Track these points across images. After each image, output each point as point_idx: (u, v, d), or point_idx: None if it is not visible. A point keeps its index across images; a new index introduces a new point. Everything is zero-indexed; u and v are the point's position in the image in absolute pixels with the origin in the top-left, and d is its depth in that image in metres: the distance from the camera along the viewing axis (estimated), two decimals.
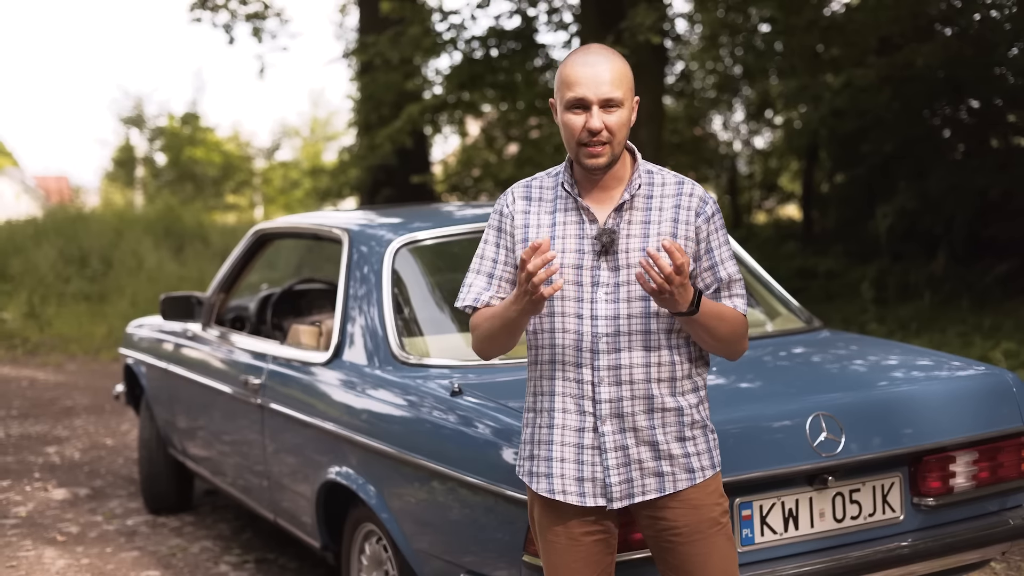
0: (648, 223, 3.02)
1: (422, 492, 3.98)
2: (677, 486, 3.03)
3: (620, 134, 2.96)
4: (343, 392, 4.51)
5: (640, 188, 3.05)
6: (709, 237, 3.05)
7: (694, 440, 3.06)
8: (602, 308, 2.99)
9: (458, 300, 3.21)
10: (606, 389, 3.00)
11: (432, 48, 13.53)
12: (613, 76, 2.94)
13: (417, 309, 4.64)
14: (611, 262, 3.00)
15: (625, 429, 3.00)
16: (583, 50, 3.01)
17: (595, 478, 3.02)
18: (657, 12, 10.73)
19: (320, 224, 5.29)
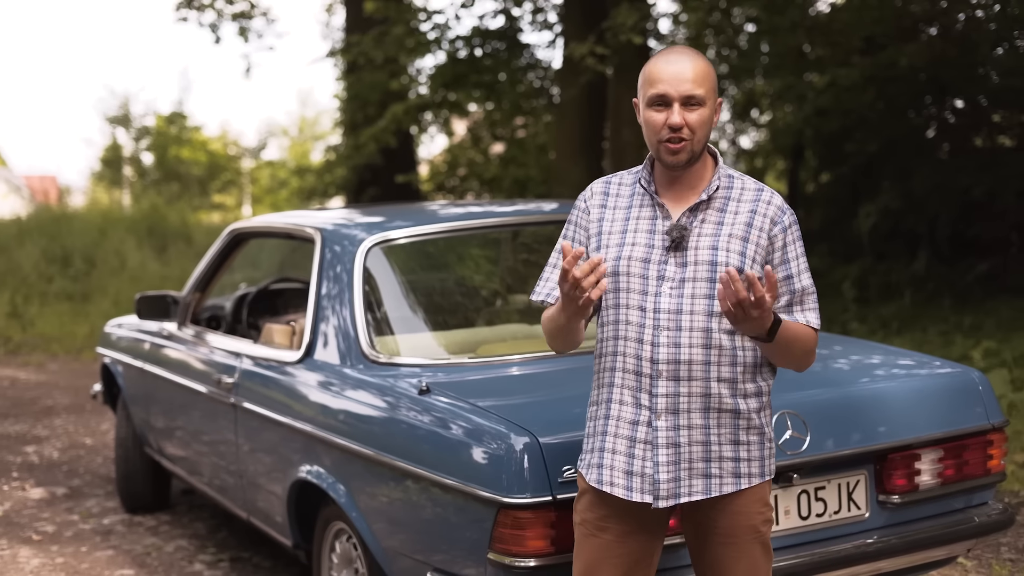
0: (721, 224, 3.04)
1: (391, 491, 3.98)
2: (723, 489, 3.05)
3: (701, 132, 2.99)
4: (314, 391, 4.52)
5: (718, 191, 3.07)
6: (786, 247, 3.06)
7: (748, 445, 3.07)
8: (665, 302, 3.00)
9: (533, 293, 3.26)
10: (664, 384, 3.00)
11: (416, 48, 13.55)
12: (696, 74, 2.98)
13: (389, 308, 4.65)
14: (679, 258, 3.02)
15: (679, 426, 3.01)
16: (668, 49, 3.04)
17: (644, 473, 3.03)
18: (639, 12, 10.74)
19: (294, 223, 5.29)
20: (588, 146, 12.77)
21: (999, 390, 8.25)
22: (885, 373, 4.26)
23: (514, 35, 14.03)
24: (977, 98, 14.77)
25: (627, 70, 12.05)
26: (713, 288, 2.98)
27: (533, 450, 3.44)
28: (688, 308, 2.99)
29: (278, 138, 43.16)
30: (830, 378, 4.18)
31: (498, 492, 3.43)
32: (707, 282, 2.99)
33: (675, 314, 3.00)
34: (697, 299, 3.00)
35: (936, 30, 14.45)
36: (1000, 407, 3.98)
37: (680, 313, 2.99)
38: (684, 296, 3.00)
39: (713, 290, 2.98)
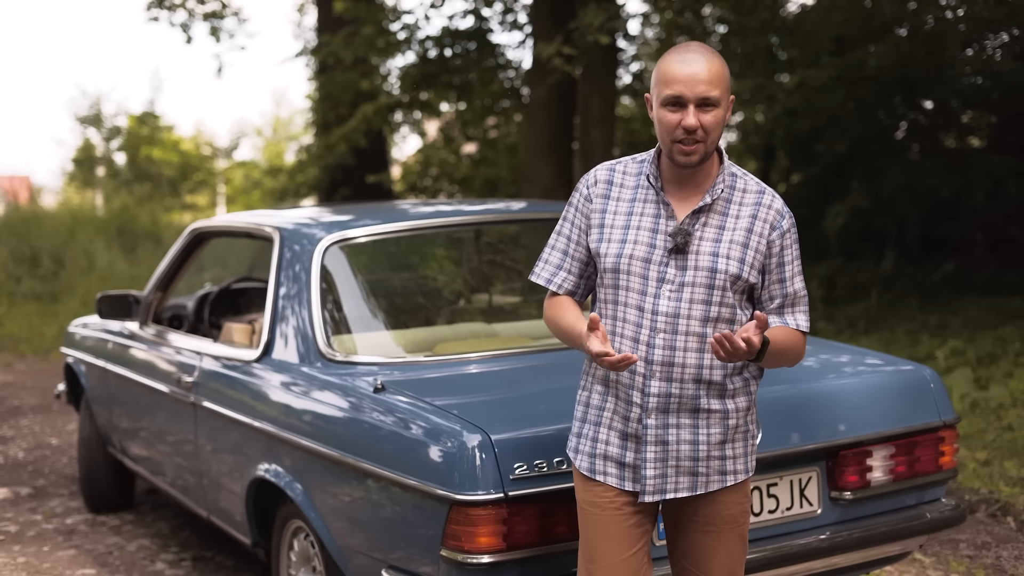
0: (723, 229, 3.06)
1: (347, 489, 3.99)
2: (709, 487, 3.11)
3: (715, 133, 2.99)
4: (271, 390, 4.52)
5: (722, 192, 3.09)
6: (783, 251, 3.10)
7: (733, 444, 3.13)
8: (664, 304, 3.03)
9: (532, 274, 3.30)
10: (656, 383, 3.04)
11: (386, 48, 13.54)
12: (711, 75, 2.97)
13: (347, 307, 4.66)
14: (680, 261, 3.04)
15: (669, 425, 3.06)
16: (682, 47, 3.03)
17: (634, 466, 3.10)
18: (606, 12, 10.75)
19: (253, 223, 5.29)
20: (557, 146, 12.79)
21: (963, 389, 8.31)
22: (838, 371, 4.28)
23: (484, 35, 14.03)
24: (946, 99, 14.85)
25: (595, 70, 12.09)
26: (711, 294, 3.03)
27: (485, 447, 3.45)
28: (686, 312, 3.03)
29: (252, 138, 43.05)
30: (782, 376, 4.18)
31: (450, 489, 3.44)
32: (706, 288, 3.03)
33: (673, 317, 3.03)
34: (695, 304, 3.03)
35: (905, 31, 14.51)
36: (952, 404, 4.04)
37: (678, 317, 3.03)
38: (683, 300, 3.03)
39: (711, 296, 3.03)
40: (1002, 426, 7.55)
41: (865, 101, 14.81)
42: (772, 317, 3.12)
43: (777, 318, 3.12)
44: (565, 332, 3.18)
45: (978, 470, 6.65)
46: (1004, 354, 9.36)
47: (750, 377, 3.15)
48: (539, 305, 5.38)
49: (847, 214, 13.90)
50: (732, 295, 3.05)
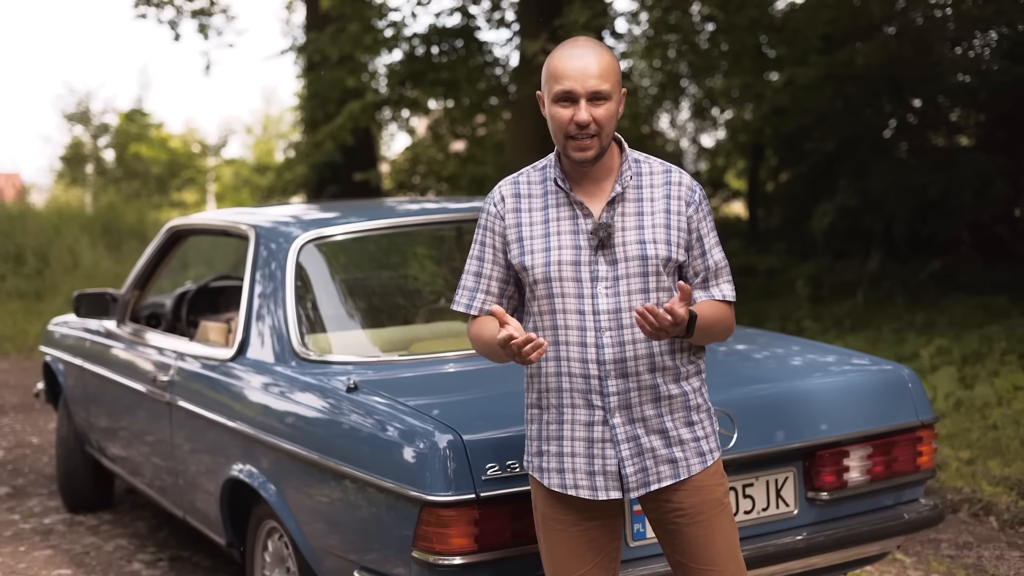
0: (641, 214, 3.05)
1: (321, 490, 3.95)
2: (691, 470, 3.08)
3: (608, 127, 2.98)
4: (245, 389, 4.48)
5: (631, 179, 3.08)
6: (699, 225, 3.10)
7: (701, 424, 3.12)
8: (603, 302, 3.00)
9: (453, 303, 3.25)
10: (613, 382, 3.01)
11: (373, 45, 13.48)
12: (600, 69, 2.95)
13: (322, 306, 4.62)
14: (608, 256, 3.01)
15: (634, 420, 3.03)
16: (570, 43, 3.01)
17: (607, 471, 3.04)
18: (592, 10, 10.72)
19: (230, 221, 5.25)
20: (544, 144, 12.67)
21: (948, 388, 8.29)
22: (815, 370, 4.25)
23: (471, 33, 13.99)
24: (934, 97, 14.85)
25: None
26: (647, 281, 3.01)
27: (457, 448, 3.41)
28: (627, 305, 3.00)
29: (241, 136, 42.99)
30: (759, 375, 4.18)
31: (422, 490, 3.41)
32: (640, 277, 3.01)
33: (615, 313, 3.00)
34: (634, 295, 3.01)
35: (894, 29, 14.50)
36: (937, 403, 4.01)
37: (619, 311, 3.00)
38: (621, 294, 3.00)
39: (647, 284, 3.01)
40: (987, 425, 7.53)
41: (853, 99, 14.79)
42: (698, 292, 3.11)
43: (703, 292, 3.12)
44: (488, 344, 3.11)
45: (961, 469, 6.62)
46: (990, 353, 9.35)
47: (696, 358, 3.13)
48: None
49: (834, 212, 13.89)
50: (667, 277, 3.04)
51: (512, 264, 3.11)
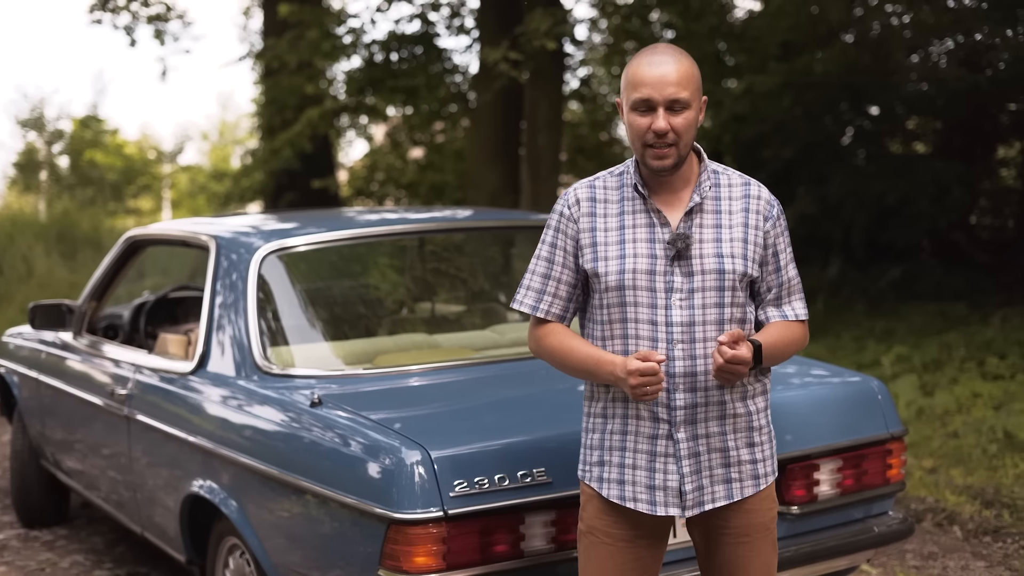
0: (719, 227, 3.00)
1: (284, 506, 3.88)
2: (744, 493, 3.04)
3: (687, 136, 2.93)
4: (206, 403, 4.40)
5: (709, 190, 3.03)
6: (776, 240, 3.06)
7: (761, 446, 3.08)
8: (677, 314, 2.95)
9: (514, 301, 3.18)
10: (681, 396, 2.96)
11: (332, 52, 13.39)
12: (680, 76, 2.90)
13: (284, 318, 4.55)
14: (684, 267, 2.97)
15: (698, 436, 2.99)
16: (650, 50, 2.97)
17: (667, 487, 2.99)
18: (553, 17, 10.69)
19: (190, 231, 5.16)
20: (504, 152, 12.71)
21: (909, 396, 8.31)
22: (785, 383, 4.19)
23: (431, 40, 13.93)
24: (892, 105, 14.92)
25: (542, 76, 12.02)
26: (723, 296, 2.96)
27: (425, 464, 3.36)
28: (700, 319, 2.96)
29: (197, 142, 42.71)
30: None
31: (388, 507, 3.35)
32: (716, 291, 2.97)
33: (688, 326, 2.95)
34: (708, 309, 2.96)
35: (852, 37, 14.56)
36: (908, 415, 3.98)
37: (693, 325, 2.95)
38: (695, 307, 2.96)
39: (723, 297, 2.96)
40: (947, 433, 7.54)
41: (812, 107, 14.84)
42: (770, 309, 3.08)
43: (775, 309, 3.08)
44: (580, 362, 3.05)
45: (924, 478, 6.62)
46: (949, 360, 9.38)
47: (763, 376, 3.10)
48: (482, 315, 5.31)
49: (794, 220, 13.89)
50: (742, 293, 3.01)
51: (583, 269, 3.06)
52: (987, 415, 7.73)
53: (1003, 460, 6.84)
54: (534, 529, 3.46)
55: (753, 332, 3.06)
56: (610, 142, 21.13)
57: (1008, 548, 5.59)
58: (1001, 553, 5.55)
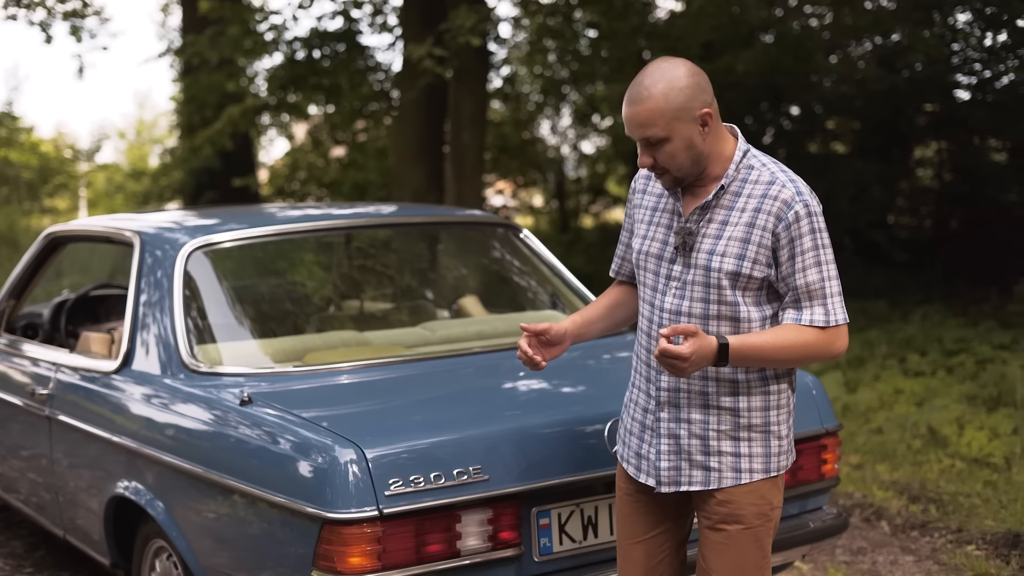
0: (725, 225, 3.04)
1: (213, 507, 3.80)
2: (722, 483, 3.08)
3: (674, 162, 3.00)
4: (131, 403, 4.30)
5: (731, 185, 3.05)
6: (792, 243, 2.99)
7: (749, 442, 3.08)
8: (668, 301, 3.09)
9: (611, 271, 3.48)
10: (665, 379, 3.10)
11: (253, 49, 13.25)
12: (645, 118, 2.96)
13: (211, 315, 4.46)
14: (685, 259, 3.08)
15: (680, 419, 3.09)
16: (631, 85, 3.02)
17: (648, 458, 3.16)
18: (478, 14, 10.64)
19: (113, 227, 5.04)
20: (428, 149, 12.66)
21: (833, 392, 8.37)
22: None
23: (353, 37, 13.83)
24: (811, 105, 15.05)
25: (466, 74, 11.97)
26: (708, 292, 3.04)
27: (359, 463, 3.30)
28: (687, 310, 3.06)
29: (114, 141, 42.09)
30: None
31: (322, 507, 3.29)
32: (703, 287, 3.04)
33: (674, 315, 3.08)
34: (695, 302, 3.05)
35: (772, 37, 14.67)
36: (834, 411, 3.96)
37: (679, 314, 3.07)
38: (684, 298, 3.07)
39: (708, 294, 3.04)
40: (872, 429, 7.61)
41: (733, 107, 14.91)
42: (788, 311, 3.03)
43: (793, 312, 3.03)
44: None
45: (851, 474, 6.66)
46: (872, 357, 9.48)
47: (769, 376, 3.08)
48: (411, 312, 5.25)
49: None
50: (732, 292, 3.02)
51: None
52: (910, 411, 7.81)
53: (927, 455, 6.91)
54: (471, 528, 3.42)
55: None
56: (532, 141, 21.16)
57: (936, 542, 5.64)
58: (929, 547, 5.59)
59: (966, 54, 13.67)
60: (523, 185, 22.31)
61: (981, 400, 7.87)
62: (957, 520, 5.85)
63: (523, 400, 4.04)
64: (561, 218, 21.69)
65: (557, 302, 5.01)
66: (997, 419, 7.35)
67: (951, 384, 8.41)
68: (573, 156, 22.35)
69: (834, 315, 3.01)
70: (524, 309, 5.18)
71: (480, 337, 4.59)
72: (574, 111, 20.37)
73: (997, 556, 5.36)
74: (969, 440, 7.04)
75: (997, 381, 8.24)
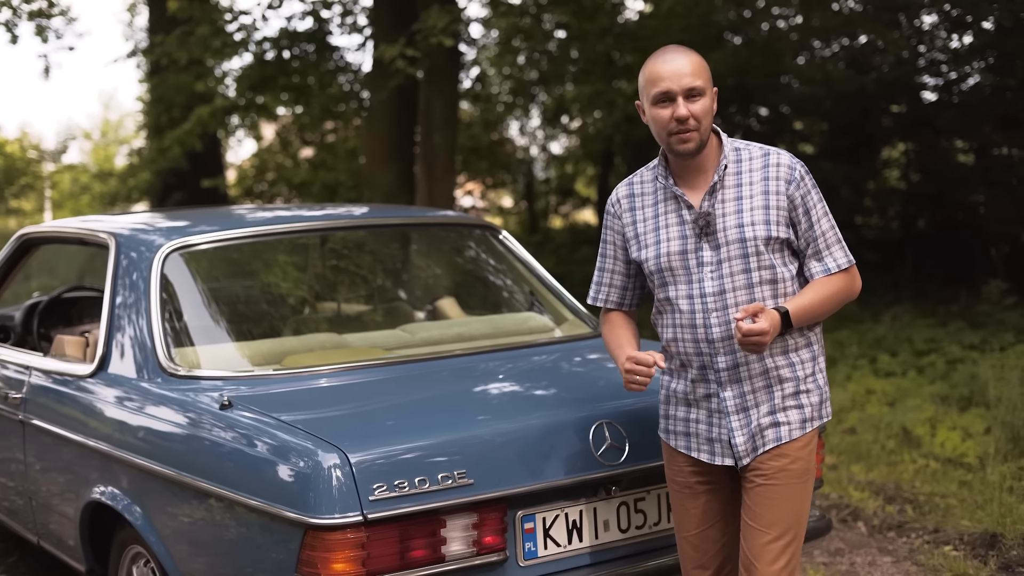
0: (740, 199, 3.27)
1: (192, 512, 3.76)
2: (792, 435, 3.27)
3: (706, 120, 3.23)
4: (107, 407, 4.24)
5: (727, 168, 3.29)
6: (805, 199, 3.28)
7: (808, 393, 3.31)
8: (709, 285, 3.25)
9: (589, 297, 3.61)
10: (723, 359, 3.25)
11: (222, 49, 13.16)
12: (693, 68, 3.21)
13: (189, 318, 4.40)
14: (712, 242, 3.26)
15: (744, 393, 3.27)
16: (663, 49, 3.28)
17: (721, 439, 3.29)
18: (450, 15, 10.62)
19: (87, 228, 4.98)
20: (398, 150, 12.62)
21: None
22: None
23: (323, 37, 13.77)
24: (780, 106, 15.10)
25: (437, 74, 11.95)
26: (748, 262, 3.24)
27: (343, 467, 3.27)
28: (730, 286, 3.24)
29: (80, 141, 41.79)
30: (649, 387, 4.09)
31: (305, 512, 3.25)
32: (741, 258, 3.24)
33: (720, 295, 3.24)
34: (736, 275, 3.24)
35: (741, 39, 14.72)
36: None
37: (724, 293, 3.24)
38: (724, 276, 3.24)
39: (748, 264, 3.24)
40: (845, 429, 7.62)
41: None
42: (812, 263, 3.30)
43: (816, 263, 3.30)
44: (609, 349, 3.48)
45: (827, 475, 6.67)
46: (843, 357, 9.51)
47: (805, 330, 3.31)
48: (388, 313, 5.23)
49: None
50: (768, 255, 3.24)
51: (632, 258, 3.40)
52: (882, 411, 7.84)
53: (901, 456, 6.93)
54: (456, 532, 3.39)
55: (792, 290, 3.28)
56: (501, 142, 21.16)
57: (913, 543, 5.65)
58: (907, 548, 5.60)
59: (932, 56, 13.77)
60: (492, 186, 22.32)
61: (953, 400, 7.91)
62: (934, 520, 5.87)
63: (506, 403, 4.01)
64: (530, 219, 21.71)
65: (535, 304, 4.99)
66: (969, 419, 7.39)
67: (922, 384, 8.45)
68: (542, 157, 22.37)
69: (848, 255, 3.33)
70: (502, 311, 5.16)
71: (460, 339, 4.56)
72: (543, 112, 20.38)
73: (975, 556, 5.38)
74: (942, 440, 7.07)
75: (968, 381, 8.28)
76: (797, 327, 3.24)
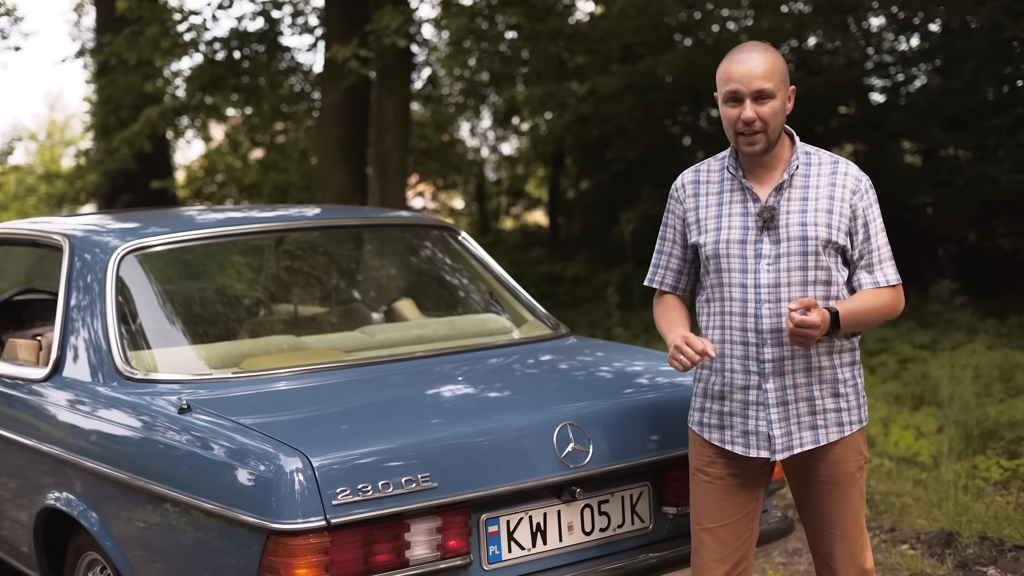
0: (806, 199, 3.36)
1: (150, 517, 3.70)
2: (829, 438, 3.38)
3: (774, 122, 3.29)
4: (62, 411, 4.18)
5: (798, 168, 3.38)
6: (866, 212, 3.38)
7: (846, 396, 3.40)
8: (764, 277, 3.33)
9: (646, 279, 3.68)
10: (769, 350, 3.33)
11: (172, 49, 13.04)
12: (764, 70, 3.27)
13: (145, 320, 4.34)
14: (772, 236, 3.34)
15: (786, 387, 3.35)
16: (739, 47, 3.36)
17: (759, 431, 3.37)
18: (403, 15, 10.58)
19: (39, 230, 4.90)
20: (350, 151, 12.56)
21: None
22: (663, 381, 4.15)
23: (274, 38, 13.68)
24: None
25: (389, 75, 11.91)
26: (806, 260, 3.32)
27: (305, 471, 3.23)
28: (785, 281, 3.32)
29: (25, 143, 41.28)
30: (611, 388, 4.09)
31: (267, 518, 3.21)
32: (800, 255, 3.32)
33: (774, 287, 3.32)
34: (793, 271, 3.33)
35: (691, 40, 14.77)
36: None
37: (779, 286, 3.32)
38: (781, 270, 3.32)
39: (807, 261, 3.32)
40: None
41: (654, 109, 15.00)
42: (862, 275, 3.40)
43: (866, 275, 3.40)
44: (660, 328, 3.57)
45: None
46: None
47: (852, 338, 3.42)
48: (345, 316, 5.18)
49: (638, 220, 14.04)
50: (826, 257, 3.33)
51: (690, 242, 3.47)
52: None
53: None
54: (419, 536, 3.36)
55: (842, 295, 3.37)
56: (452, 143, 21.10)
57: (872, 542, 5.66)
58: None
59: (880, 58, 13.87)
60: (443, 187, 22.25)
61: (905, 399, 7.96)
62: (890, 520, 5.90)
63: (470, 405, 3.98)
64: (481, 220, 21.67)
65: (493, 305, 4.96)
66: (921, 418, 7.44)
67: (874, 384, 8.49)
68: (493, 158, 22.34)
69: (897, 274, 3.43)
70: (461, 312, 5.13)
71: (420, 341, 4.53)
72: (494, 113, 20.36)
73: (931, 555, 5.41)
74: (896, 439, 7.11)
75: (919, 380, 8.35)
76: (844, 331, 3.32)
